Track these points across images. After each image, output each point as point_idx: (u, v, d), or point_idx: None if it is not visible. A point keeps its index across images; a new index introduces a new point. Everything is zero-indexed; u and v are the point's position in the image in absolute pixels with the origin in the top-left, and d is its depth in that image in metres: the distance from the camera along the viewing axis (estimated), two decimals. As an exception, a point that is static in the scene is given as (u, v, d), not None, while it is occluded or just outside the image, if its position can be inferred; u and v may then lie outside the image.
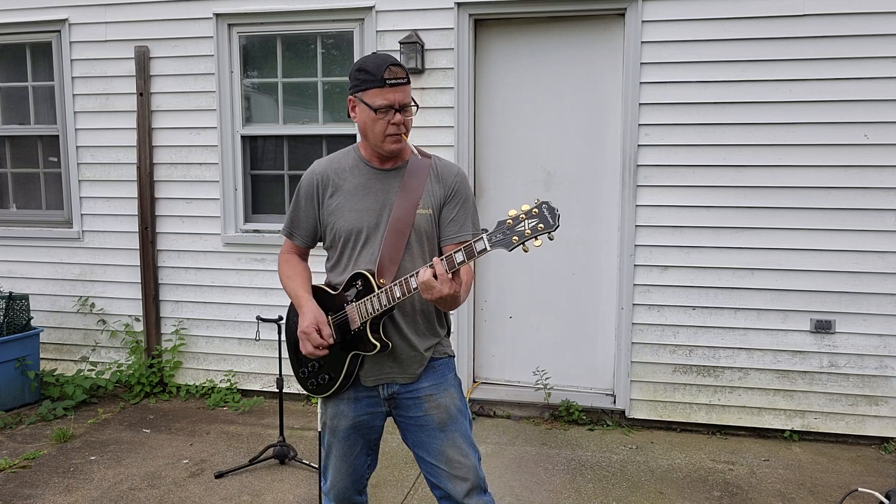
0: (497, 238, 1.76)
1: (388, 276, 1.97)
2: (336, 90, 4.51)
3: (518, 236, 1.74)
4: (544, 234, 1.73)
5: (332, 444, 2.16)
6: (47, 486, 3.44)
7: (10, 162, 5.08)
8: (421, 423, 2.07)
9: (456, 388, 2.14)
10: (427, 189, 2.04)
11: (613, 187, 4.21)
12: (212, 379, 4.77)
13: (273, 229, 4.62)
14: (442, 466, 2.05)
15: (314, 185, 2.10)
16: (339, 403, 2.13)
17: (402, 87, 1.94)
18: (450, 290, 1.79)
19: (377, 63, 1.94)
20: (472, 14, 4.19)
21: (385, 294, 1.93)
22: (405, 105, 1.96)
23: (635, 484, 3.47)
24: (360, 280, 1.99)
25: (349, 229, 2.04)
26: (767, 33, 3.84)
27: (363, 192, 2.04)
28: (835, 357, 3.96)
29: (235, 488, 3.42)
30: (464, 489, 2.04)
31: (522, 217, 1.74)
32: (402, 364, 2.06)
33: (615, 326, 4.28)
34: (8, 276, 4.97)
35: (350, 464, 2.16)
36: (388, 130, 1.96)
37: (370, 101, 1.94)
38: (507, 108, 4.34)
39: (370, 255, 2.01)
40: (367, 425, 2.13)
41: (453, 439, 2.06)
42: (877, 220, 3.84)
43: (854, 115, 3.80)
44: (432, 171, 2.07)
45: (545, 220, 1.72)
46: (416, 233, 2.01)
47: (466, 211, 2.07)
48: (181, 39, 4.58)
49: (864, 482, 3.44)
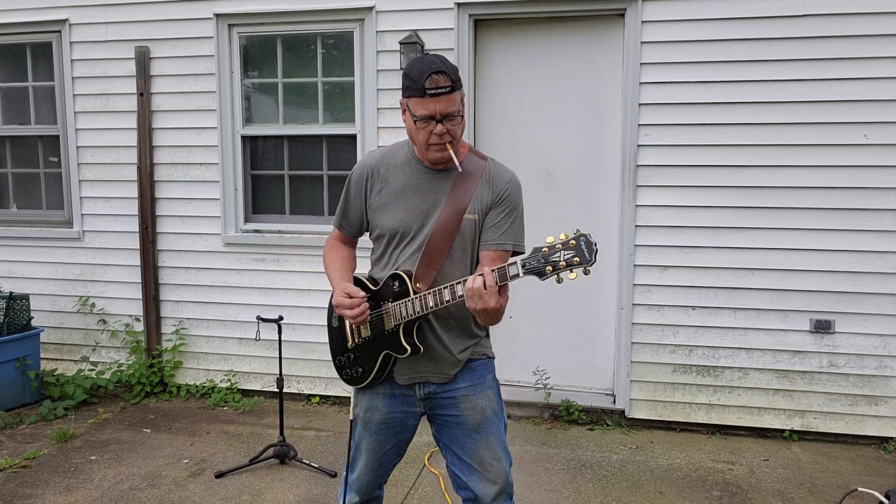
0: (531, 265, 1.72)
1: (426, 281, 1.94)
2: (336, 90, 4.52)
3: (552, 266, 1.69)
4: (580, 268, 1.67)
5: (363, 437, 2.14)
6: (47, 486, 3.45)
7: (10, 162, 5.08)
8: (457, 422, 2.06)
9: (493, 391, 2.12)
10: (476, 194, 1.98)
11: (613, 187, 4.21)
12: (212, 379, 4.78)
13: (273, 229, 4.63)
14: (475, 466, 2.05)
15: (363, 179, 2.07)
16: (374, 397, 2.11)
17: (445, 97, 1.85)
18: (496, 303, 1.76)
19: (420, 70, 1.86)
20: (472, 14, 4.19)
21: (420, 301, 1.91)
22: (448, 115, 1.87)
23: (635, 484, 3.47)
24: (397, 281, 1.97)
25: (393, 228, 2.01)
26: (767, 33, 3.84)
27: (412, 192, 2.01)
28: (834, 357, 3.96)
29: (236, 488, 3.42)
30: (492, 492, 2.03)
31: (559, 247, 1.69)
32: (436, 364, 2.04)
33: (615, 326, 4.28)
34: (8, 276, 4.97)
35: (378, 459, 2.15)
36: (430, 140, 1.90)
37: (413, 109, 1.89)
38: (507, 108, 4.35)
39: (412, 256, 1.99)
40: (400, 423, 2.12)
41: (488, 441, 2.05)
42: (876, 220, 3.84)
43: (854, 115, 3.80)
44: (485, 175, 2.00)
45: (581, 255, 1.67)
46: (460, 238, 1.97)
47: (511, 220, 1.99)
48: (181, 40, 4.58)
49: (864, 482, 3.45)
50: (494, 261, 1.92)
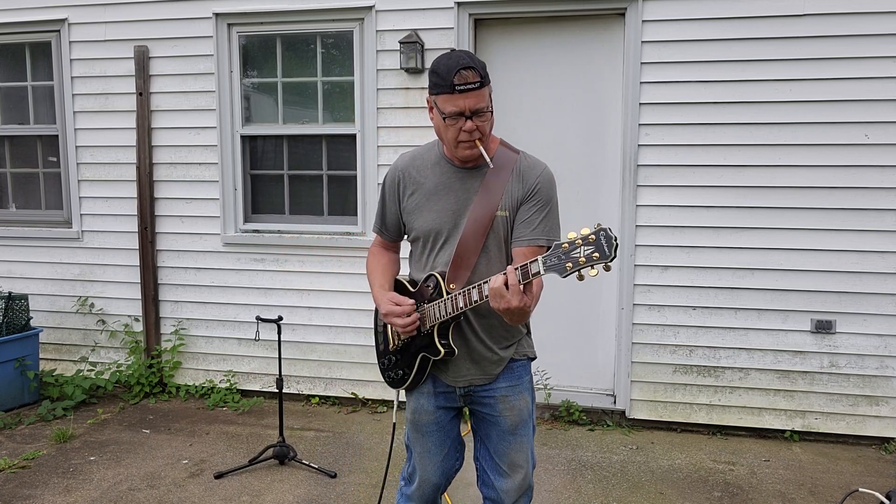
0: (552, 262, 1.67)
1: (460, 282, 1.94)
2: (336, 90, 4.51)
3: (572, 263, 1.65)
4: (600, 264, 1.63)
5: (418, 441, 2.14)
6: (47, 487, 3.44)
7: (9, 162, 5.07)
8: (494, 422, 2.08)
9: (529, 393, 2.14)
10: (508, 189, 1.96)
11: (613, 187, 4.21)
12: (211, 379, 4.77)
13: (273, 229, 4.62)
14: (504, 468, 2.07)
15: (396, 182, 2.07)
16: (420, 398, 2.11)
17: (474, 93, 1.82)
18: (519, 302, 1.72)
19: (448, 66, 1.82)
20: (472, 14, 4.18)
21: (451, 301, 1.90)
22: (477, 111, 1.84)
23: (635, 484, 3.47)
24: (432, 282, 1.98)
25: (427, 230, 2.01)
26: (767, 33, 3.84)
27: (443, 192, 1.99)
28: (835, 357, 3.96)
29: (235, 488, 3.41)
30: (515, 495, 2.07)
31: (579, 242, 1.64)
32: (479, 365, 2.04)
33: (615, 326, 4.27)
34: (7, 276, 4.96)
35: (439, 462, 2.14)
36: (459, 137, 1.88)
37: (441, 106, 1.86)
38: (507, 108, 4.34)
39: (448, 256, 1.98)
40: (447, 420, 2.13)
41: (521, 444, 2.07)
42: (877, 220, 3.84)
43: (854, 115, 3.80)
44: (515, 169, 1.98)
45: (601, 250, 1.62)
46: (494, 235, 1.96)
47: (543, 214, 1.96)
48: (181, 39, 4.57)
49: (865, 482, 3.44)
50: (527, 256, 1.87)
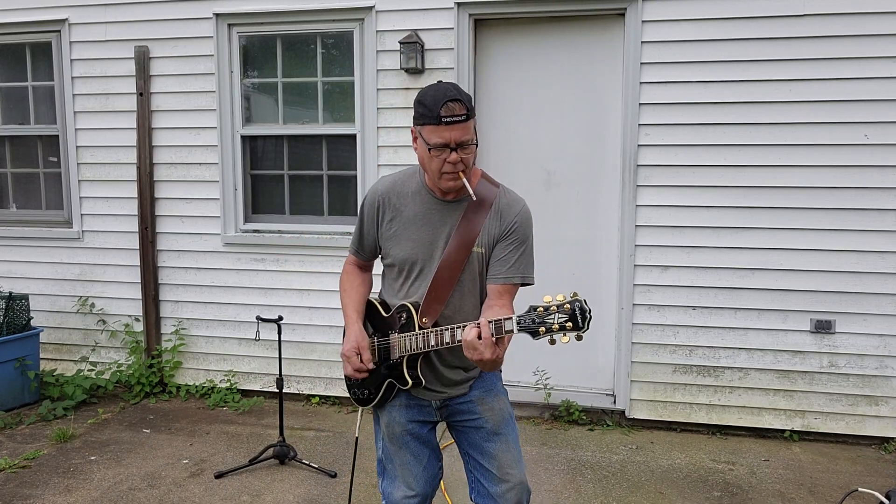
0: (526, 323, 1.72)
1: (432, 315, 1.95)
2: (336, 90, 4.51)
3: (546, 328, 1.70)
4: (572, 333, 1.69)
5: (394, 453, 2.12)
6: (47, 486, 3.44)
7: (10, 162, 5.08)
8: (477, 425, 2.07)
9: (505, 396, 2.14)
10: (486, 226, 1.97)
11: (613, 187, 4.21)
12: (212, 379, 4.77)
13: (273, 229, 4.62)
14: (493, 471, 2.04)
15: (376, 207, 2.06)
16: (392, 410, 2.11)
17: (461, 125, 1.83)
18: (492, 354, 1.74)
19: (435, 98, 1.84)
20: (472, 14, 4.18)
21: (423, 338, 1.92)
22: (462, 143, 1.85)
23: (635, 484, 3.47)
24: (405, 313, 1.98)
25: (403, 259, 2.01)
26: (767, 33, 3.84)
27: (422, 223, 2.00)
28: (835, 357, 3.96)
29: (235, 488, 3.42)
30: (512, 500, 2.04)
31: (554, 308, 1.70)
32: (449, 387, 2.06)
33: (615, 326, 4.28)
34: (8, 276, 4.97)
35: (419, 473, 2.11)
36: (444, 168, 1.88)
37: (427, 137, 1.86)
38: (507, 108, 4.34)
39: (423, 286, 1.99)
40: (421, 431, 2.11)
41: (507, 444, 2.06)
42: (877, 220, 3.84)
43: (854, 115, 3.80)
44: (495, 205, 1.99)
45: (574, 321, 1.68)
46: (469, 270, 1.97)
47: (519, 253, 1.97)
48: (181, 39, 4.57)
49: (865, 482, 3.44)
50: (502, 295, 1.90)
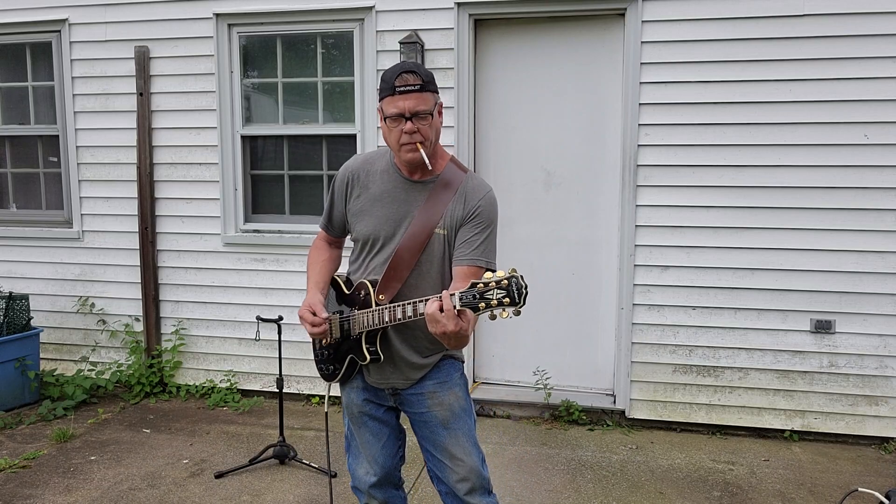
0: (466, 299, 1.73)
1: (390, 293, 1.97)
2: (336, 90, 4.51)
3: (485, 303, 1.71)
4: (510, 308, 1.71)
5: (356, 433, 2.20)
6: (47, 486, 3.44)
7: (10, 162, 5.08)
8: (425, 420, 2.10)
9: (461, 388, 2.14)
10: (450, 209, 1.98)
11: (613, 187, 4.21)
12: (212, 379, 4.77)
13: (273, 229, 4.62)
14: (446, 462, 2.08)
15: (345, 182, 2.11)
16: (350, 392, 2.18)
17: (414, 94, 1.86)
18: (455, 326, 1.73)
19: (393, 71, 1.89)
20: (472, 14, 4.19)
21: (378, 314, 1.94)
22: (417, 113, 1.86)
23: (635, 484, 3.47)
24: (363, 290, 2.01)
25: (367, 234, 2.04)
26: (767, 33, 3.84)
27: (387, 200, 2.02)
28: (835, 357, 3.96)
29: (235, 488, 3.42)
30: (465, 488, 2.07)
31: (493, 285, 1.71)
32: (401, 370, 2.08)
33: (615, 326, 4.28)
34: (8, 276, 4.97)
35: (377, 452, 2.17)
36: (401, 140, 1.89)
37: (385, 109, 1.91)
38: (507, 108, 4.34)
39: (382, 263, 2.01)
40: (378, 412, 2.16)
41: (456, 437, 2.08)
42: (877, 220, 3.84)
43: (854, 115, 3.80)
44: (461, 189, 2.00)
45: (511, 296, 1.69)
46: (428, 252, 1.99)
47: (483, 236, 1.98)
48: (181, 39, 4.58)
49: (864, 482, 3.44)
50: (467, 276, 1.90)
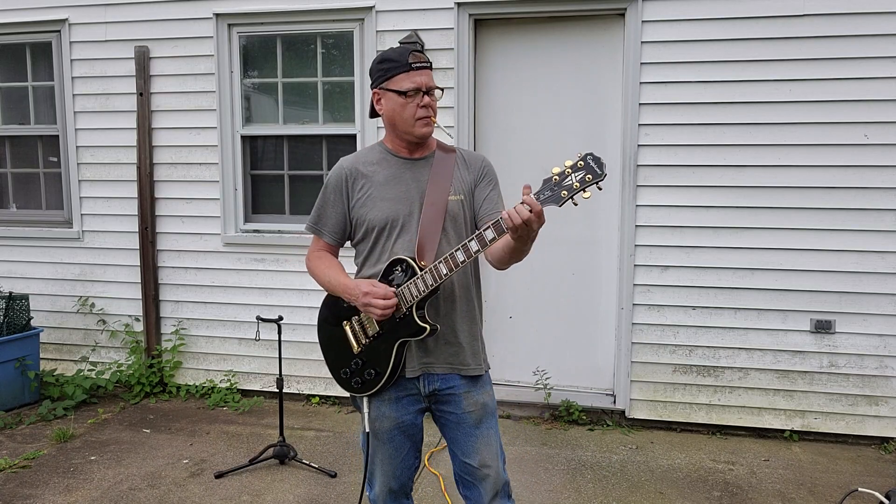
0: (546, 195, 1.73)
1: (429, 259, 1.96)
2: (336, 90, 4.51)
3: (567, 190, 1.72)
4: (593, 184, 1.70)
5: (377, 447, 2.12)
6: (47, 486, 3.44)
7: (10, 162, 5.08)
8: (459, 420, 2.08)
9: (491, 388, 2.19)
10: (456, 176, 2.07)
11: (613, 187, 4.21)
12: (212, 379, 4.77)
13: (273, 229, 4.62)
14: (475, 465, 2.07)
15: (342, 179, 2.09)
16: (381, 405, 2.08)
17: (427, 71, 1.99)
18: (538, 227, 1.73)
19: (400, 51, 2.00)
20: (472, 14, 4.19)
21: (430, 274, 1.90)
22: (432, 88, 1.99)
23: (635, 484, 3.47)
24: (400, 265, 1.97)
25: (383, 219, 2.03)
26: (767, 33, 3.84)
27: (394, 182, 2.05)
28: (835, 357, 3.96)
29: (235, 488, 3.42)
30: (490, 494, 2.07)
31: (568, 171, 1.72)
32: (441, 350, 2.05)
33: (615, 326, 4.28)
34: (8, 276, 4.97)
35: (397, 466, 2.14)
36: (417, 114, 1.98)
37: (398, 86, 1.96)
38: (507, 108, 4.34)
39: (407, 242, 2.01)
40: (410, 424, 2.12)
41: (488, 438, 2.08)
42: (877, 220, 3.84)
43: (854, 115, 3.80)
44: (459, 159, 2.11)
45: (592, 171, 1.70)
46: (450, 218, 2.03)
47: (497, 191, 2.12)
48: (181, 39, 4.58)
49: (864, 482, 3.44)
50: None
